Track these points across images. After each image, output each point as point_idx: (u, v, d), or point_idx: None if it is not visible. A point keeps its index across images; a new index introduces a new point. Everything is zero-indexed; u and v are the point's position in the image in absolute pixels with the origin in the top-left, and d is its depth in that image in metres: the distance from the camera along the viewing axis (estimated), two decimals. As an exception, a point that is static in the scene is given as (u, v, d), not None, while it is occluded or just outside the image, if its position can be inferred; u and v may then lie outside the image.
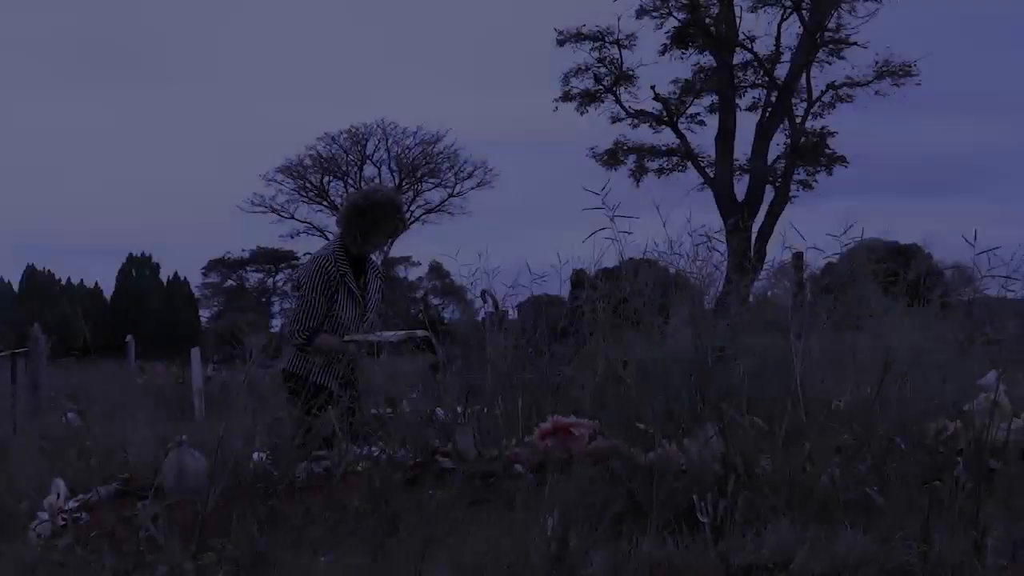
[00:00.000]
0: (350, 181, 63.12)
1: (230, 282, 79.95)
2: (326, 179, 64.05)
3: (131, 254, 66.74)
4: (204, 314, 74.55)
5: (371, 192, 7.66)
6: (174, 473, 5.30)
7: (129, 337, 29.19)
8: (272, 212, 63.00)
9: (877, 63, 46.10)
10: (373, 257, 7.71)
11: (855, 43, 45.89)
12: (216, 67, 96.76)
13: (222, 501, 4.91)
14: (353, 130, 63.44)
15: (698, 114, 48.46)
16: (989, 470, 4.85)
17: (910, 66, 46.04)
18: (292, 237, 64.64)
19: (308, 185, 63.74)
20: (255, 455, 5.41)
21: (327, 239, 16.91)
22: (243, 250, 77.86)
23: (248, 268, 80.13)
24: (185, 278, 68.28)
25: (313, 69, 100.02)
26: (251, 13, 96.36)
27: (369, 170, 64.06)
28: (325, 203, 63.14)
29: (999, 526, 4.28)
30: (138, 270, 66.88)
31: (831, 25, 45.97)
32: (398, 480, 5.11)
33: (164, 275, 66.70)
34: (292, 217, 63.54)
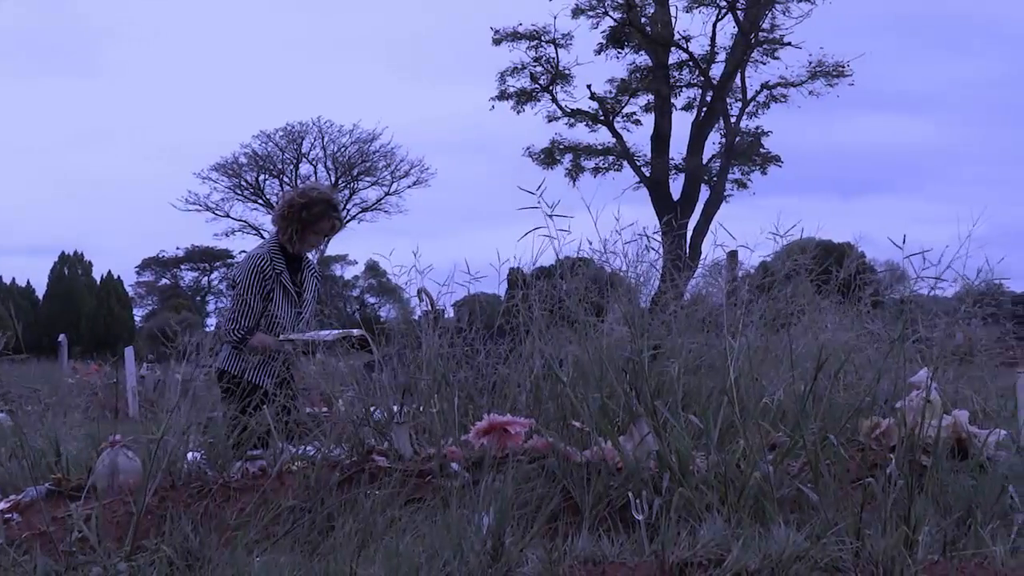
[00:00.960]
0: (286, 179, 62.79)
1: (164, 281, 79.40)
2: (261, 177, 63.67)
3: (64, 252, 66.02)
4: (138, 313, 73.93)
5: (307, 190, 7.62)
6: (107, 473, 5.26)
7: (62, 336, 28.93)
8: (207, 210, 62.58)
9: (811, 63, 46.45)
10: (309, 256, 7.68)
11: (789, 43, 46.22)
12: (150, 63, 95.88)
13: (156, 501, 4.88)
14: (289, 128, 63.13)
15: (634, 113, 48.64)
16: (921, 467, 4.90)
17: (843, 66, 46.42)
18: (227, 235, 64.29)
19: (243, 183, 63.34)
20: (189, 454, 5.38)
21: (263, 237, 16.84)
22: (177, 248, 77.35)
23: (182, 267, 79.61)
24: (119, 277, 67.54)
25: (248, 66, 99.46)
26: (187, 8, 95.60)
27: (305, 168, 63.75)
28: (260, 201, 62.78)
29: (930, 522, 4.33)
30: (71, 269, 66.18)
31: (765, 25, 46.25)
32: (334, 479, 5.10)
33: (97, 274, 66.01)
34: (227, 215, 63.14)
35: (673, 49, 46.95)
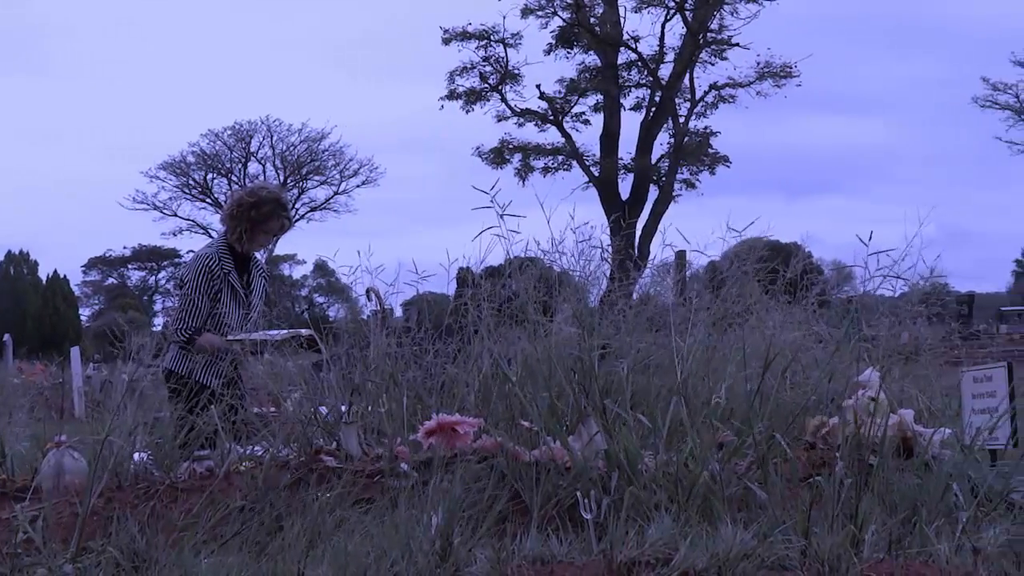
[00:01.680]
0: (234, 178, 62.58)
1: (111, 280, 78.96)
2: (210, 176, 63.44)
3: (10, 251, 65.49)
4: (84, 313, 73.50)
5: (256, 189, 7.59)
6: (53, 474, 5.22)
7: (7, 336, 28.69)
8: (154, 209, 62.31)
9: (759, 64, 46.73)
10: (257, 255, 7.65)
11: (737, 44, 46.51)
12: (98, 61, 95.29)
13: (102, 502, 4.84)
14: (237, 126, 62.93)
15: (583, 113, 48.81)
16: (867, 465, 4.93)
17: (790, 67, 46.73)
18: (175, 235, 64.06)
19: (191, 182, 63.09)
20: (136, 455, 5.34)
21: (211, 237, 16.75)
22: (124, 248, 77.00)
23: (129, 266, 79.23)
24: (65, 276, 67.11)
25: (197, 65, 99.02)
26: (135, 7, 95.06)
27: (253, 167, 63.59)
28: (209, 200, 62.55)
29: (876, 520, 4.36)
30: (16, 268, 65.61)
31: (714, 26, 46.48)
32: (282, 479, 5.08)
33: (43, 273, 65.54)
34: (175, 214, 62.90)
35: (622, 49, 47.11)
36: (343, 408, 5.79)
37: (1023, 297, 72.55)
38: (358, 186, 63.91)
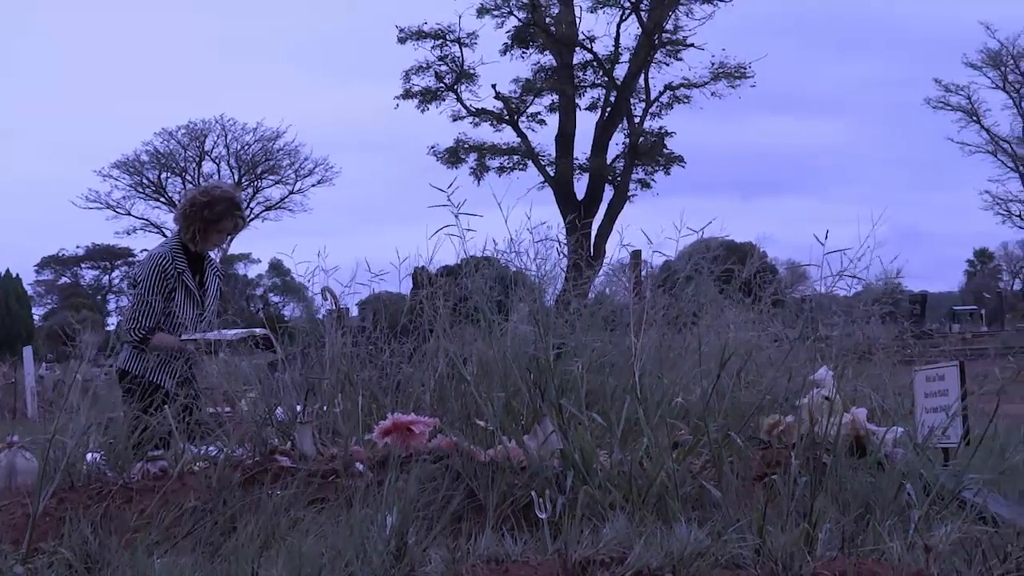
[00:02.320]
0: (188, 177, 62.34)
1: (64, 279, 78.43)
2: (163, 175, 63.17)
3: (-39, 251, 64.97)
4: (37, 312, 72.98)
5: (210, 189, 7.55)
6: (5, 474, 5.19)
7: (-42, 336, 28.43)
8: (108, 208, 61.98)
9: (713, 65, 46.92)
10: (212, 254, 7.62)
11: (692, 45, 46.68)
12: (51, 59, 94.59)
13: (54, 502, 4.81)
14: (191, 126, 62.69)
15: (539, 113, 48.87)
16: (821, 464, 4.96)
17: (745, 68, 46.95)
18: (128, 234, 63.81)
19: (145, 181, 62.80)
20: (89, 455, 5.31)
21: (164, 236, 16.66)
22: (78, 247, 76.51)
23: (83, 265, 78.74)
24: (18, 275, 66.65)
25: (151, 63, 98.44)
26: (90, 5, 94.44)
27: (208, 166, 63.40)
28: (162, 199, 62.28)
29: (830, 518, 4.39)
30: (-32, 267, 65.07)
31: (669, 27, 46.62)
32: (236, 479, 5.05)
33: (-4, 272, 65.03)
34: (128, 214, 62.62)
35: (577, 49, 47.17)
36: (298, 408, 5.77)
37: (975, 297, 73.12)
38: (313, 185, 63.87)
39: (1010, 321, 52.73)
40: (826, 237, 5.45)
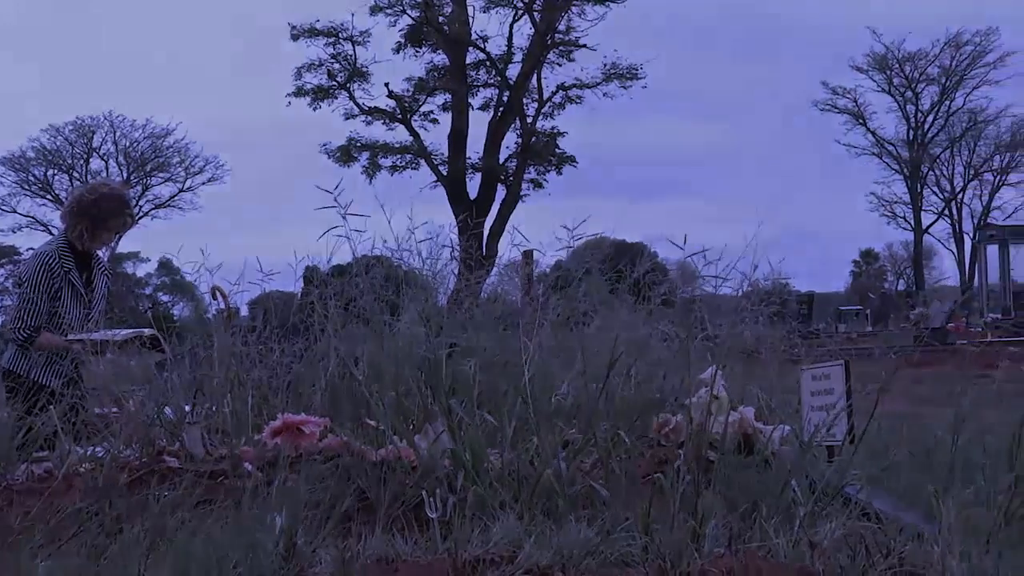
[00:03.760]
0: (76, 175, 61.51)
1: (-54, 277, 76.85)
2: (50, 172, 62.25)
3: None
4: (-83, 310, 71.56)
5: (98, 186, 7.46)
6: None
7: None
8: (-8, 205, 60.90)
9: (605, 65, 47.23)
10: (99, 253, 7.53)
11: (584, 45, 46.94)
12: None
13: (-65, 506, 4.72)
14: (79, 122, 61.85)
15: (431, 112, 48.92)
16: (708, 462, 5.01)
17: (636, 69, 47.32)
18: (14, 232, 62.77)
19: (31, 178, 61.86)
20: (-30, 457, 5.23)
21: (51, 234, 16.43)
22: (-40, 244, 74.95)
23: (-34, 263, 77.18)
24: None
25: (37, 59, 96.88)
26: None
27: (96, 163, 62.64)
28: (49, 197, 61.37)
29: (717, 516, 4.44)
30: None
31: (561, 27, 46.86)
32: (123, 481, 5.00)
33: None
34: (14, 211, 61.64)
35: (470, 49, 47.22)
36: (187, 408, 5.72)
37: (860, 297, 74.40)
38: (204, 183, 63.40)
39: (894, 321, 53.74)
40: (684, 241, 5.48)
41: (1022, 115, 71.85)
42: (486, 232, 41.49)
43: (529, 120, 47.30)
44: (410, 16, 47.03)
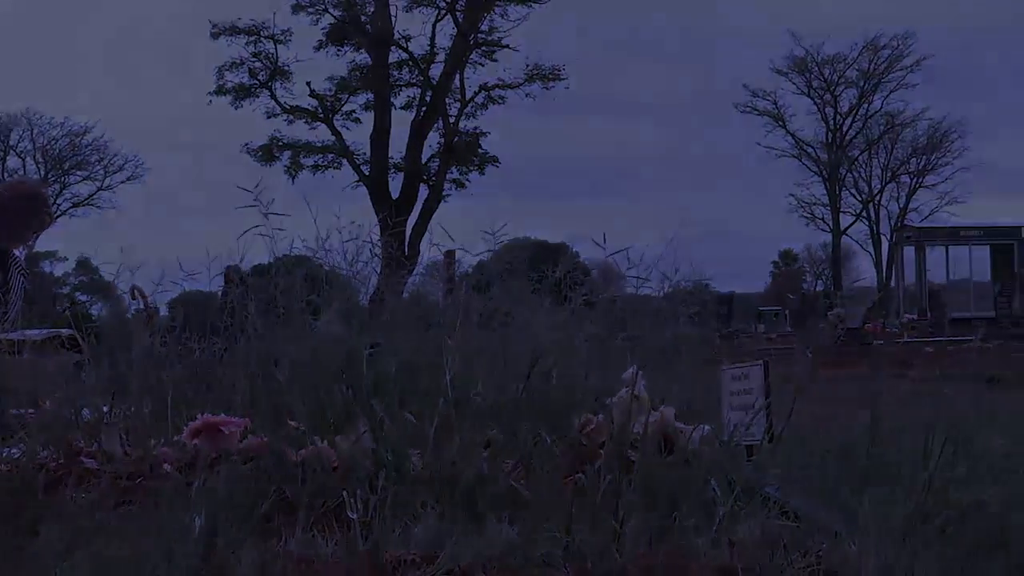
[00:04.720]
0: (-8, 172, 60.66)
1: None
2: (-34, 170, 61.38)
3: None
4: None
5: (14, 184, 7.41)
6: None
7: None
8: (-95, 203, 59.97)
9: (528, 66, 47.32)
10: (16, 252, 7.44)
11: (507, 46, 47.02)
12: None
13: None
14: (-5, 119, 60.97)
15: (354, 111, 48.74)
16: (629, 462, 5.03)
17: (559, 70, 47.48)
18: (-73, 230, 61.71)
19: (-54, 175, 60.93)
20: None
21: (-34, 232, 16.22)
22: None
23: None
24: None
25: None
26: None
27: (13, 161, 61.85)
28: (-36, 195, 60.47)
29: (637, 515, 4.46)
30: None
31: (484, 27, 46.90)
32: (40, 482, 4.94)
33: None
34: (-73, 209, 60.62)
35: (393, 48, 47.13)
36: (105, 409, 5.67)
37: (779, 297, 75.06)
38: (123, 182, 62.79)
39: (812, 321, 54.24)
40: (604, 240, 5.51)
41: (938, 118, 72.88)
42: (408, 232, 41.43)
43: (452, 120, 47.30)
44: (332, 15, 46.88)
